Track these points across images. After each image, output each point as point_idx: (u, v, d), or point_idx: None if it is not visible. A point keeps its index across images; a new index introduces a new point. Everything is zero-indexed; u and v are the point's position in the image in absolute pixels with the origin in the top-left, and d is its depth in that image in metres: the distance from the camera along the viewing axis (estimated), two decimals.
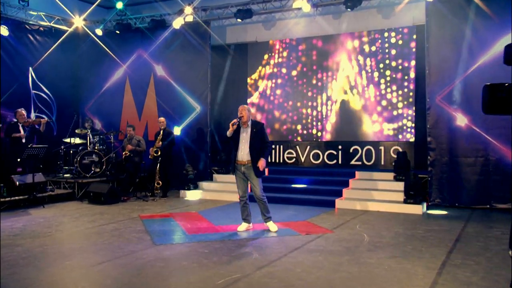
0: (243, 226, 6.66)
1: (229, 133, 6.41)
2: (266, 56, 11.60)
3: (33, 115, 11.19)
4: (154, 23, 11.15)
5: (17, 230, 6.73)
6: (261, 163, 6.34)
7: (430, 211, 8.19)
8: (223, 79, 12.02)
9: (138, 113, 11.93)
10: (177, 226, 7.04)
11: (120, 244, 5.85)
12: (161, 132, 9.96)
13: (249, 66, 11.82)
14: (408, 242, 5.96)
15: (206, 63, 11.00)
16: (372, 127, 10.45)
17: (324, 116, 10.98)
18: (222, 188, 10.36)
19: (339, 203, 8.73)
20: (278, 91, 11.48)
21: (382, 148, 10.33)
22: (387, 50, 10.29)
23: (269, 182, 10.08)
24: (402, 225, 7.07)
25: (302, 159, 11.17)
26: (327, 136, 10.98)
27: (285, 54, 11.39)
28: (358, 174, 9.79)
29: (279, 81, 11.48)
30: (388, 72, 10.28)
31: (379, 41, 10.36)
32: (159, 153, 9.80)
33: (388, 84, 10.28)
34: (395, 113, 10.22)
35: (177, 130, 11.16)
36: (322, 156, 10.95)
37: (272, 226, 6.59)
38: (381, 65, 10.34)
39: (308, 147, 11.13)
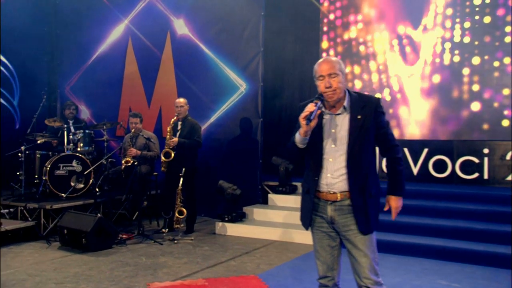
0: None
1: (300, 139, 2.43)
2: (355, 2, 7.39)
3: None
4: None
5: None
6: (394, 202, 2.62)
7: None
8: (284, 40, 7.72)
9: (146, 95, 7.96)
10: None
11: None
12: (180, 123, 6.01)
13: (325, 19, 7.58)
14: None
15: (257, 14, 6.90)
16: None
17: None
18: (288, 220, 6.12)
19: None
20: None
21: None
22: None
23: None
24: None
25: (415, 171, 6.82)
26: (458, 130, 6.67)
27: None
28: None
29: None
30: None
31: None
32: (172, 156, 5.76)
33: None
34: None
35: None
36: (451, 166, 6.59)
37: None
38: None
39: (426, 149, 6.76)
